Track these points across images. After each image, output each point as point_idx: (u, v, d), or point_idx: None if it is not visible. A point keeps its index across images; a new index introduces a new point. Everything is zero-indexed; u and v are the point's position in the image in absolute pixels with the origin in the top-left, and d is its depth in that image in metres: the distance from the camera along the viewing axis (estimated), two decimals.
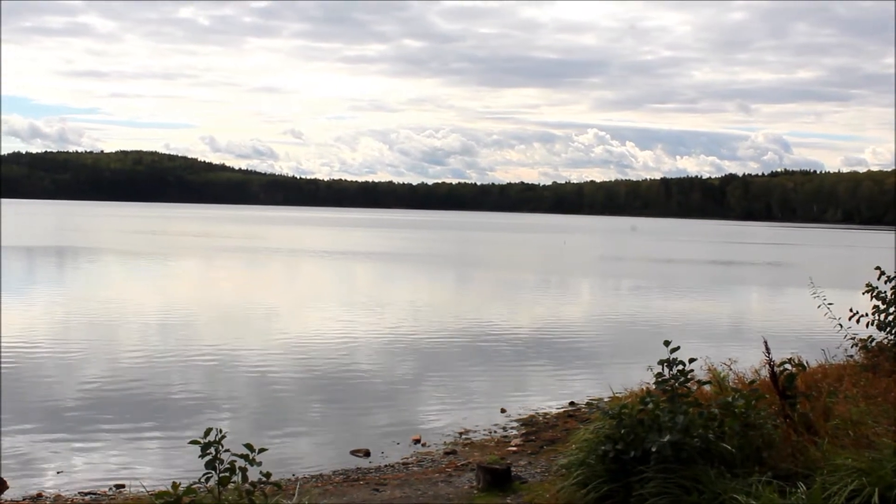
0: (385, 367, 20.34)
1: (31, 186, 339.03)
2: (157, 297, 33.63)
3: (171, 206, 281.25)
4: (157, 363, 19.76)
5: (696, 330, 27.70)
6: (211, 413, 15.40)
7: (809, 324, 26.94)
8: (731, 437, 8.37)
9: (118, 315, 27.72)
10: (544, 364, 21.44)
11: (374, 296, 37.40)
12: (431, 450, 13.50)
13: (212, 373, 18.98)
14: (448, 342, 24.15)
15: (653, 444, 8.09)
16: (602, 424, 8.84)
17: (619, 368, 20.38)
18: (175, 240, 79.82)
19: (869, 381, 11.73)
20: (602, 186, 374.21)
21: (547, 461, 11.90)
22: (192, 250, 65.43)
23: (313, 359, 20.84)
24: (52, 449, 13.10)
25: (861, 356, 13.65)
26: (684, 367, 8.76)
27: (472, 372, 20.11)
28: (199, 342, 22.74)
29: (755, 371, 12.27)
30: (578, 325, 28.91)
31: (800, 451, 8.39)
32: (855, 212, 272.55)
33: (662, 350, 8.87)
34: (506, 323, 28.47)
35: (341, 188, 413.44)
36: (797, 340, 23.30)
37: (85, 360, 19.85)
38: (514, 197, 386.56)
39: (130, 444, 13.48)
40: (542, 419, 15.59)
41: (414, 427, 14.91)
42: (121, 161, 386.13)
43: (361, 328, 26.08)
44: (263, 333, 25.08)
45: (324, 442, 13.97)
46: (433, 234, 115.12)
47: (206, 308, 31.06)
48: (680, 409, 8.37)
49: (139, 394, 16.74)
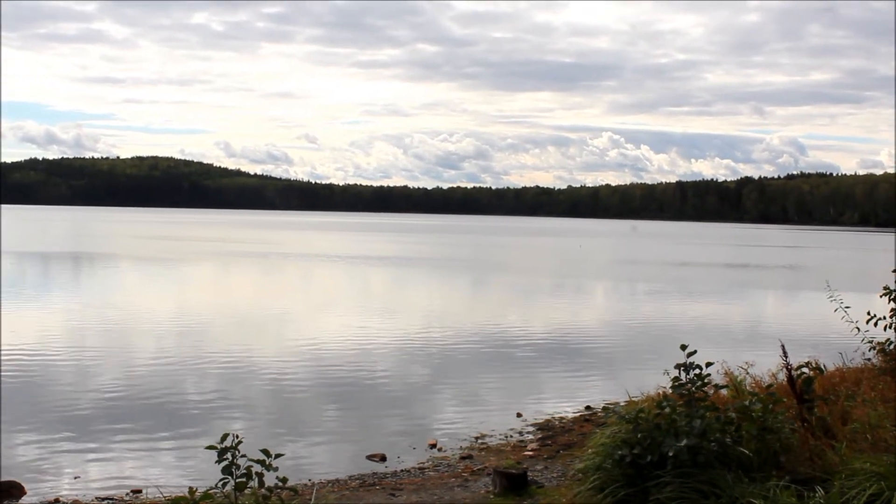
0: (401, 371, 20.34)
1: (48, 192, 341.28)
2: (173, 303, 33.75)
3: (187, 212, 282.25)
4: (173, 368, 19.81)
5: (713, 333, 27.61)
6: (226, 418, 15.43)
7: (826, 327, 26.79)
8: (748, 442, 8.33)
9: (134, 320, 27.82)
10: (560, 368, 21.40)
11: (389, 300, 37.42)
12: (447, 454, 13.49)
13: (227, 377, 19.01)
14: (464, 346, 24.13)
15: (670, 448, 8.06)
16: (618, 429, 8.81)
17: (635, 372, 20.31)
18: (190, 245, 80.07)
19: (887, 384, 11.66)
20: (617, 190, 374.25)
21: (563, 465, 11.87)
22: (207, 255, 65.60)
23: (329, 363, 20.85)
24: (69, 454, 13.14)
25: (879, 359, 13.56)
26: (701, 371, 8.73)
27: (487, 376, 20.09)
28: (215, 347, 22.79)
29: (772, 375, 12.22)
30: (594, 329, 28.85)
31: (818, 456, 8.34)
32: (872, 214, 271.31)
33: (678, 354, 8.84)
34: (522, 326, 28.44)
35: (356, 193, 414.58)
36: (814, 344, 23.18)
37: (100, 366, 19.92)
38: (530, 201, 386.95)
39: (146, 449, 13.51)
40: (559, 423, 15.56)
41: (430, 431, 14.90)
42: (136, 167, 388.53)
43: (377, 332, 26.08)
44: (279, 338, 25.12)
45: (340, 446, 13.97)
46: (449, 238, 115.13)
47: (221, 313, 31.13)
48: (697, 413, 8.34)
49: (155, 399, 16.78)
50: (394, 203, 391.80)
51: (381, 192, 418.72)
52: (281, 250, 73.48)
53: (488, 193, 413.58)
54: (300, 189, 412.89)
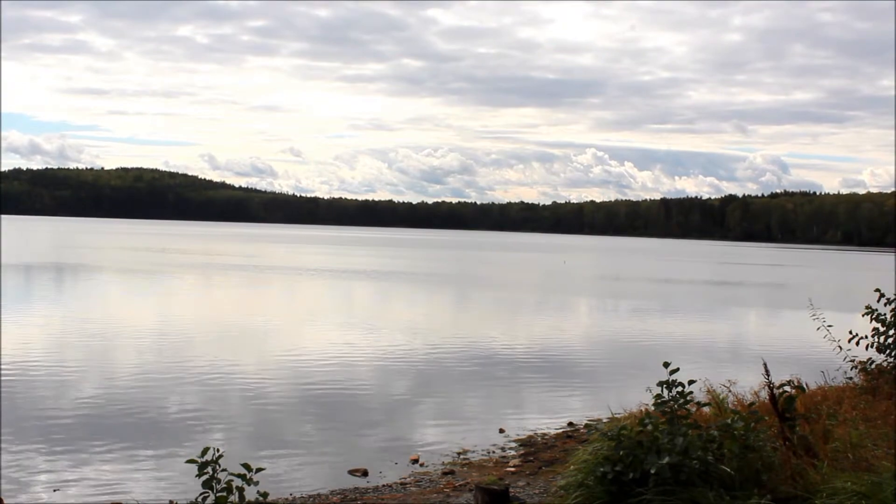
0: (383, 386, 20.29)
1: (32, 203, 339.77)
2: (154, 315, 33.60)
3: (171, 224, 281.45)
4: (154, 381, 19.70)
5: (696, 351, 27.66)
6: (207, 431, 15.35)
7: (809, 346, 26.90)
8: (730, 460, 8.34)
9: (114, 332, 27.68)
10: (543, 384, 21.39)
11: (373, 314, 37.36)
12: (429, 469, 13.45)
13: (209, 390, 18.92)
14: (447, 361, 24.11)
15: (652, 465, 8.07)
16: (601, 445, 8.81)
17: (618, 389, 20.35)
18: (174, 257, 79.79)
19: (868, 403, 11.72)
20: (602, 206, 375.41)
21: (545, 482, 11.86)
22: (190, 268, 65.36)
23: (311, 377, 20.79)
24: (48, 466, 13.04)
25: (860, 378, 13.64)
26: (683, 389, 8.74)
27: (470, 391, 20.07)
28: (196, 360, 22.68)
29: (754, 393, 12.26)
30: (577, 345, 28.88)
31: (799, 474, 8.36)
32: (855, 233, 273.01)
33: (661, 370, 8.85)
34: (505, 342, 28.44)
35: (341, 206, 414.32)
36: (796, 362, 23.26)
37: (81, 378, 19.80)
38: (514, 216, 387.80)
39: (126, 461, 13.41)
40: (541, 439, 15.55)
41: (412, 446, 14.86)
42: (121, 178, 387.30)
43: (360, 347, 26.03)
44: (261, 351, 25.03)
45: (321, 461, 13.91)
46: (433, 252, 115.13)
47: (203, 326, 31.00)
48: (679, 430, 8.34)
49: (135, 411, 16.68)
50: (379, 217, 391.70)
51: (367, 205, 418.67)
52: (265, 263, 73.29)
53: (473, 208, 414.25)
54: (285, 202, 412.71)
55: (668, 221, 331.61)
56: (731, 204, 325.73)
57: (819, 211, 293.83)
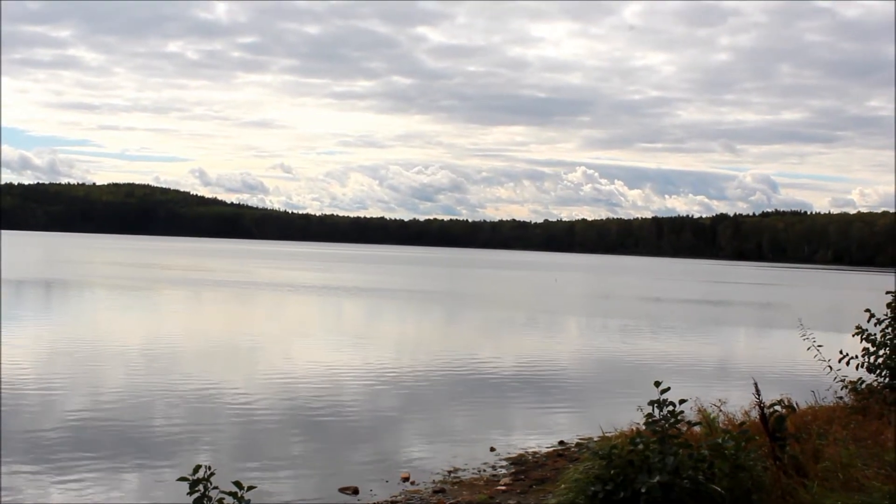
0: (374, 403, 20.26)
1: (24, 218, 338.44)
2: (143, 331, 33.51)
3: (162, 239, 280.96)
4: (142, 398, 19.63)
5: (686, 370, 27.68)
6: (196, 448, 15.30)
7: (799, 365, 26.95)
8: (720, 479, 8.35)
9: (103, 348, 27.59)
10: (534, 402, 21.38)
11: (364, 332, 37.31)
12: (420, 488, 13.42)
13: (197, 407, 18.86)
14: (438, 379, 24.08)
15: (642, 485, 8.07)
16: (592, 464, 8.82)
17: (609, 407, 20.34)
18: (164, 273, 79.62)
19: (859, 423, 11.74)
20: (593, 225, 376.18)
21: (536, 501, 11.84)
22: (180, 284, 65.23)
23: (301, 394, 20.75)
24: (34, 482, 12.96)
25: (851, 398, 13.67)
26: (674, 408, 8.76)
27: (461, 409, 20.05)
28: (185, 376, 22.62)
29: (745, 412, 12.27)
30: (569, 364, 28.87)
31: (789, 494, 8.37)
32: (845, 253, 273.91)
33: (652, 389, 8.87)
34: (496, 360, 28.42)
35: (333, 223, 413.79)
36: (787, 382, 23.30)
37: (68, 394, 19.72)
38: (506, 234, 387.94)
39: (115, 478, 13.35)
40: (532, 458, 15.53)
41: (403, 464, 14.82)
42: (112, 193, 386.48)
43: (351, 364, 25.99)
44: (251, 368, 24.98)
45: (311, 479, 13.86)
46: (424, 270, 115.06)
47: (192, 342, 30.93)
48: (670, 450, 8.36)
49: (122, 428, 16.62)
50: (371, 234, 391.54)
51: (358, 222, 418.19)
52: (256, 280, 73.19)
53: (465, 226, 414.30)
54: (277, 218, 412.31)
55: (659, 240, 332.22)
56: (722, 223, 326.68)
57: (810, 230, 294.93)
